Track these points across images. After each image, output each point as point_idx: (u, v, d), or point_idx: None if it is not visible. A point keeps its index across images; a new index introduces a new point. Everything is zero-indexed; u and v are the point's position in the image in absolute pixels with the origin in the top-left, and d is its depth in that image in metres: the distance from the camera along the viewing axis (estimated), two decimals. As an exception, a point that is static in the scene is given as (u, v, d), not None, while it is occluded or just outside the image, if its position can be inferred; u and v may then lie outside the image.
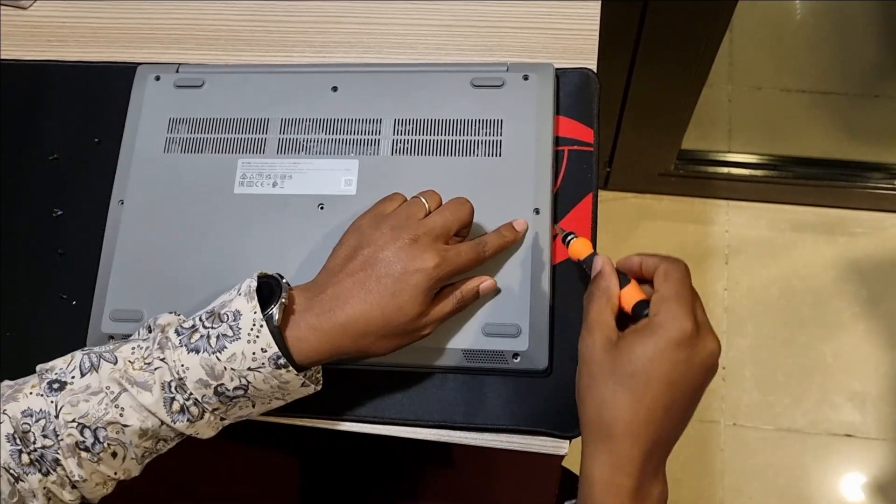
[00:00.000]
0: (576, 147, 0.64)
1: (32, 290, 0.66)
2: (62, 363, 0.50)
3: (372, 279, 0.51)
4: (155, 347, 0.50)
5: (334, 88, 0.66)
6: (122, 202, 0.65)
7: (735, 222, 1.46)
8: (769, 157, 1.43)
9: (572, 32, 0.68)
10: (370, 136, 0.65)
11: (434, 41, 0.70)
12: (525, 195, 0.61)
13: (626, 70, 1.08)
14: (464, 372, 0.59)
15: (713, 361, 0.47)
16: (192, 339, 0.49)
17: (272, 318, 0.49)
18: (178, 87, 0.68)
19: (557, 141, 0.64)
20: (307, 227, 0.62)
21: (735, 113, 1.51)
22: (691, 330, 0.46)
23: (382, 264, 0.52)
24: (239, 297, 0.50)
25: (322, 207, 0.63)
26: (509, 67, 0.65)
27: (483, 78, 0.65)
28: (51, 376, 0.50)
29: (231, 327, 0.49)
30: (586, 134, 0.64)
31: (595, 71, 0.66)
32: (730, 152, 1.46)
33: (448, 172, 0.63)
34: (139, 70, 0.70)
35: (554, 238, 0.61)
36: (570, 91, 0.65)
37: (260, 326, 0.49)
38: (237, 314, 0.49)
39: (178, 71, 0.69)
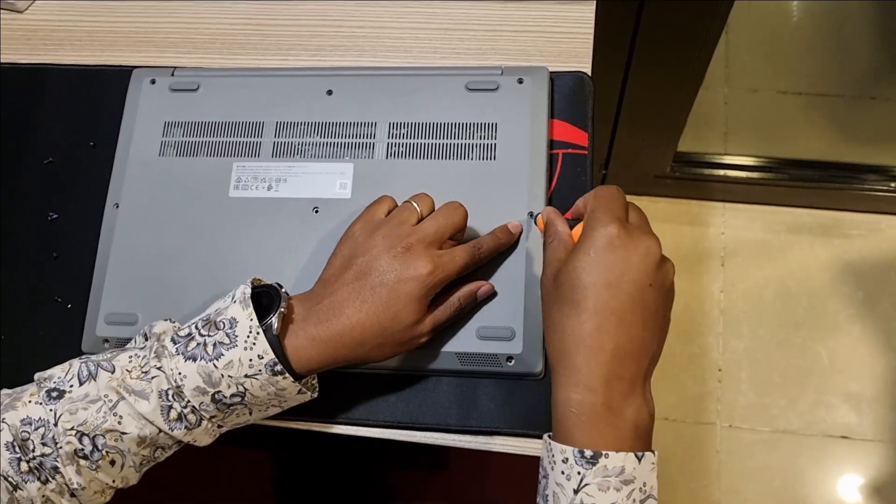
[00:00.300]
0: (570, 150, 0.64)
1: (27, 293, 0.66)
2: (60, 371, 0.50)
3: (367, 288, 0.52)
4: (152, 356, 0.50)
5: (329, 92, 0.66)
6: (117, 205, 0.65)
7: (731, 224, 1.46)
8: (765, 160, 1.43)
9: (567, 36, 0.68)
10: (365, 140, 0.65)
11: (429, 44, 0.70)
12: (519, 198, 0.61)
13: (622, 72, 1.08)
14: (458, 375, 0.59)
15: (653, 259, 0.47)
16: (189, 348, 0.49)
17: (271, 326, 0.49)
18: (174, 90, 0.68)
19: (552, 144, 0.64)
20: (302, 230, 0.63)
21: (731, 115, 1.51)
22: (617, 231, 0.47)
23: (377, 273, 0.52)
24: (234, 305, 0.50)
25: (317, 211, 0.63)
26: (504, 71, 0.65)
27: (478, 81, 0.65)
28: (49, 385, 0.50)
29: (227, 335, 0.49)
30: (581, 137, 0.64)
31: (589, 74, 0.67)
32: (726, 154, 1.45)
33: (443, 176, 0.63)
34: (135, 73, 0.70)
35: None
36: (565, 94, 0.66)
37: (256, 334, 0.49)
38: (233, 322, 0.49)
39: (173, 74, 0.69)
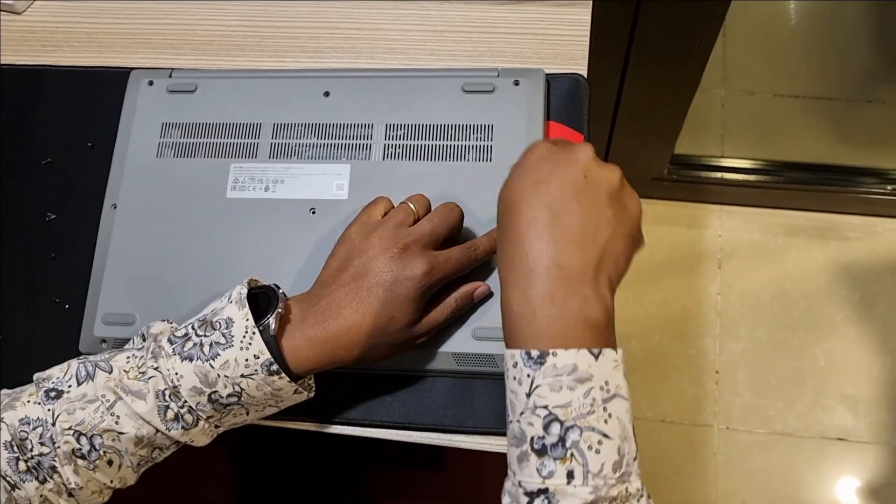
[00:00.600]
0: (566, 152, 0.64)
1: (25, 293, 0.66)
2: (58, 372, 0.51)
3: (363, 289, 0.52)
4: (149, 356, 0.50)
5: (326, 93, 0.67)
6: (114, 206, 0.65)
7: (728, 226, 1.47)
8: (762, 162, 1.43)
9: (563, 38, 0.69)
10: (362, 141, 0.65)
11: (426, 46, 0.70)
12: (515, 200, 0.61)
13: (619, 74, 1.08)
14: (454, 375, 0.60)
15: (585, 156, 0.47)
16: (186, 348, 0.49)
17: (269, 327, 0.50)
18: (171, 91, 0.68)
19: (548, 146, 0.64)
20: (299, 231, 0.63)
21: (728, 118, 1.51)
22: (544, 145, 0.48)
23: (373, 274, 0.52)
24: (231, 305, 0.50)
25: (314, 212, 0.63)
26: (500, 73, 0.66)
27: (474, 83, 0.65)
28: (48, 385, 0.50)
29: (224, 335, 0.49)
30: (576, 139, 0.65)
31: (585, 76, 0.67)
32: (723, 157, 1.46)
33: (439, 177, 0.63)
34: (132, 75, 0.70)
35: None
36: (561, 96, 0.66)
37: (252, 333, 0.49)
38: (229, 322, 0.50)
39: (171, 76, 0.69)
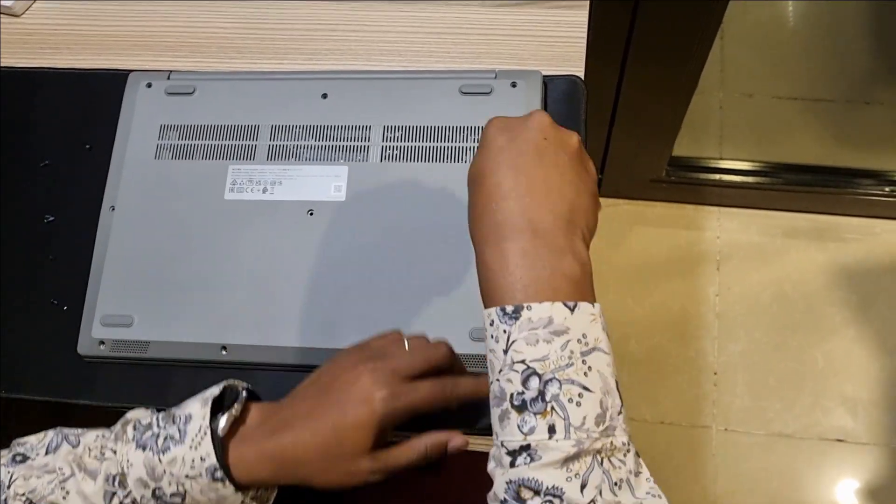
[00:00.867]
0: (563, 153, 0.64)
1: (23, 295, 0.66)
2: (35, 439, 0.51)
3: (320, 406, 0.49)
4: (112, 438, 0.50)
5: (324, 95, 0.67)
6: (113, 208, 0.66)
7: (727, 228, 1.47)
8: (760, 164, 1.43)
9: (560, 40, 0.69)
10: (360, 143, 0.65)
11: (424, 48, 0.71)
12: (513, 201, 0.62)
13: (617, 76, 1.08)
14: (452, 376, 0.60)
15: (541, 121, 0.46)
16: (144, 436, 0.49)
17: (217, 427, 0.48)
18: (170, 94, 0.68)
19: (545, 147, 0.64)
20: (297, 232, 0.63)
21: (726, 119, 1.51)
22: (501, 120, 0.47)
23: (333, 391, 0.50)
24: (195, 401, 0.50)
25: (311, 213, 0.63)
26: (497, 74, 0.66)
27: (471, 85, 0.65)
28: (19, 449, 0.50)
29: (179, 430, 0.48)
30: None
31: (582, 78, 0.67)
32: (721, 159, 1.46)
33: (436, 179, 0.63)
34: (131, 77, 0.70)
35: None
36: (558, 98, 0.66)
37: (204, 434, 0.48)
38: (188, 418, 0.49)
39: (169, 78, 0.69)
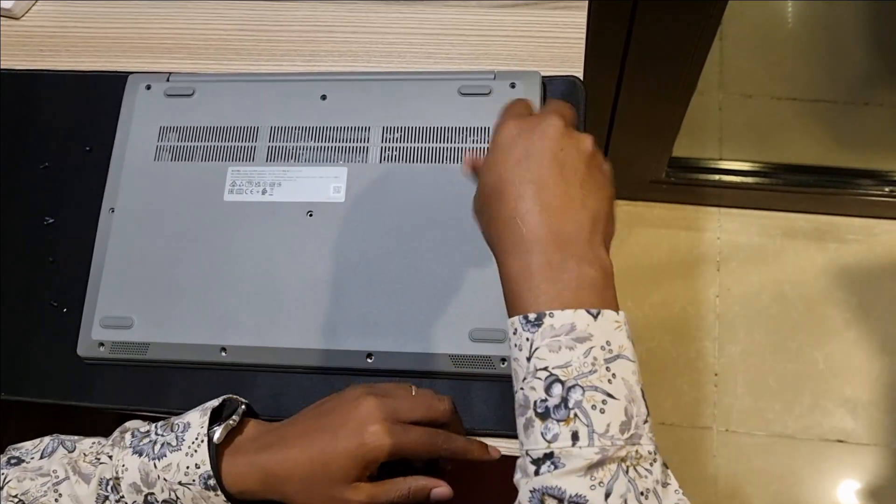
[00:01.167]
0: (562, 154, 0.64)
1: (23, 297, 0.66)
2: (31, 445, 0.52)
3: (315, 429, 0.51)
4: (109, 444, 0.51)
5: (323, 97, 0.67)
6: (112, 210, 0.66)
7: (726, 229, 1.47)
8: (760, 165, 1.43)
9: (559, 41, 0.69)
10: (359, 144, 0.65)
11: (423, 49, 0.71)
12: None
13: (616, 77, 1.08)
14: (451, 377, 0.60)
15: (555, 130, 0.45)
16: (141, 443, 0.50)
17: (213, 436, 0.50)
18: (169, 95, 0.69)
19: (544, 148, 0.64)
20: (296, 234, 0.63)
21: (726, 120, 1.52)
22: (513, 124, 0.46)
23: (331, 416, 0.51)
24: (195, 411, 0.51)
25: (311, 215, 0.63)
26: (496, 75, 0.66)
27: (470, 86, 0.65)
28: (14, 453, 0.52)
29: (177, 437, 0.50)
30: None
31: (581, 79, 0.67)
32: (721, 160, 1.46)
33: (436, 179, 0.63)
34: (130, 79, 0.70)
35: None
36: (557, 98, 0.66)
37: (201, 441, 0.49)
38: (187, 426, 0.50)
39: (168, 80, 0.69)
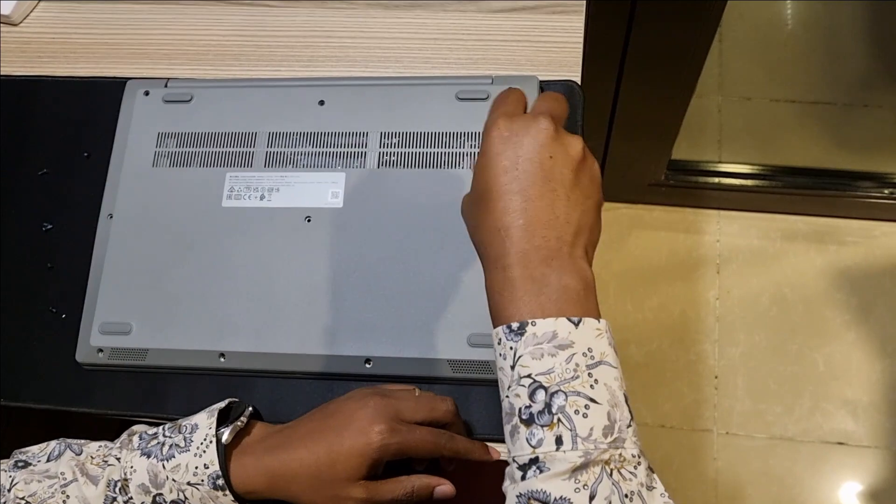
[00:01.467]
0: (560, 158, 0.65)
1: (22, 303, 0.66)
2: (37, 448, 0.53)
3: (320, 430, 0.52)
4: (116, 447, 0.52)
5: (321, 102, 0.67)
6: (111, 216, 0.66)
7: (726, 231, 1.47)
8: (760, 167, 1.43)
9: (556, 45, 0.69)
10: (357, 149, 0.65)
11: (420, 54, 0.71)
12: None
13: (615, 80, 1.09)
14: (450, 382, 0.60)
15: (546, 134, 0.44)
16: (149, 445, 0.51)
17: (222, 436, 0.51)
18: (167, 101, 0.69)
19: (542, 152, 0.64)
20: (294, 239, 0.63)
21: (725, 123, 1.52)
22: (503, 124, 0.45)
23: (337, 417, 0.52)
24: (203, 413, 0.52)
25: (309, 220, 0.63)
26: (494, 80, 0.66)
27: (468, 91, 0.65)
28: (21, 457, 0.52)
29: (185, 438, 0.51)
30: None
31: (579, 83, 0.67)
32: (720, 162, 1.46)
33: (434, 184, 0.63)
34: (128, 85, 0.70)
35: None
36: (555, 103, 0.66)
37: (210, 442, 0.50)
38: (195, 427, 0.51)
39: (166, 86, 0.69)
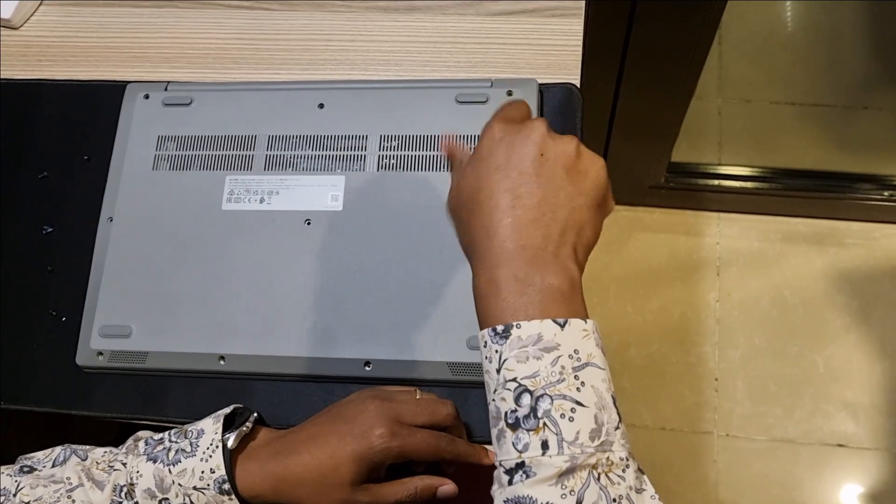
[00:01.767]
0: (559, 161, 0.65)
1: (22, 306, 0.66)
2: (42, 454, 0.53)
3: (324, 434, 0.52)
4: (122, 452, 0.52)
5: (321, 105, 0.67)
6: (111, 219, 0.66)
7: (726, 234, 1.47)
8: (759, 169, 1.43)
9: (556, 48, 0.69)
10: (356, 153, 0.65)
11: (420, 58, 0.71)
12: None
13: (614, 83, 1.09)
14: (449, 385, 0.60)
15: (538, 133, 0.44)
16: (155, 450, 0.51)
17: (227, 441, 0.51)
18: (167, 105, 0.69)
19: (541, 155, 0.65)
20: (294, 242, 0.63)
21: (725, 125, 1.52)
22: (497, 125, 0.45)
23: (339, 421, 0.52)
24: (209, 419, 0.53)
25: (309, 223, 0.64)
26: (493, 83, 0.66)
27: (467, 94, 0.66)
28: (26, 462, 0.52)
29: (191, 444, 0.51)
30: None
31: (578, 86, 0.67)
32: (720, 164, 1.46)
33: (433, 188, 0.63)
34: (128, 88, 0.70)
35: None
36: (554, 106, 0.66)
37: (216, 447, 0.51)
38: (200, 432, 0.52)
39: (166, 89, 0.70)
